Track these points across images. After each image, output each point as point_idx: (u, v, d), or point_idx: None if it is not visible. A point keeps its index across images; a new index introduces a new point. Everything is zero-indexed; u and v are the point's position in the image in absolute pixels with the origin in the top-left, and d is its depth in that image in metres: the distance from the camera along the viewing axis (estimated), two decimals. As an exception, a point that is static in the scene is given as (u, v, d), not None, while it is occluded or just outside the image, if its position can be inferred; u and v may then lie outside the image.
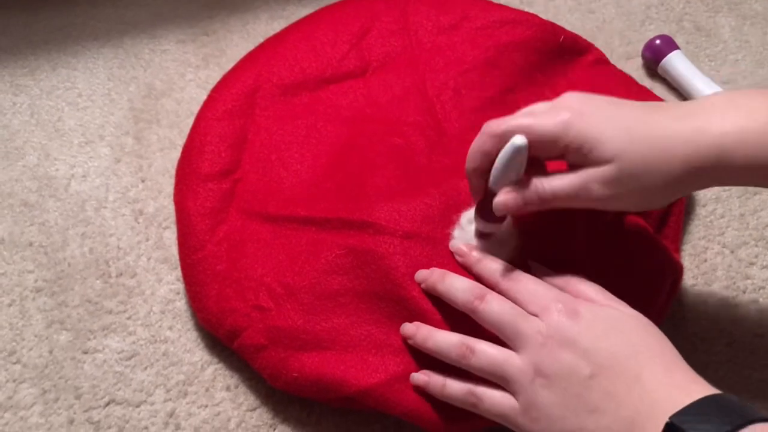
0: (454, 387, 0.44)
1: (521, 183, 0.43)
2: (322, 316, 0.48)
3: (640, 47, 0.68)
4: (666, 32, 0.68)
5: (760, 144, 0.40)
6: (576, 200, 0.42)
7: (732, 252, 0.58)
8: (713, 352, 0.54)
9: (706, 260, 0.58)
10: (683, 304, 0.56)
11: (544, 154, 0.43)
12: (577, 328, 0.41)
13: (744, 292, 0.56)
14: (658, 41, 0.67)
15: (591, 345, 0.40)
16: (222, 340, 0.51)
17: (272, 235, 0.51)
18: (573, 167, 0.42)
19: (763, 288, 0.57)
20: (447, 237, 0.49)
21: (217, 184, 0.53)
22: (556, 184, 0.42)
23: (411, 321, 0.47)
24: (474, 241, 0.48)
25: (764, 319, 0.55)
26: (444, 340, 0.45)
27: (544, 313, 0.42)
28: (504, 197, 0.43)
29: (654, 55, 0.67)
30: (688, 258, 0.58)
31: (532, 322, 0.42)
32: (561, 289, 0.45)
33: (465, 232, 0.49)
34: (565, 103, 0.42)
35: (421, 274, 0.47)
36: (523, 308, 0.43)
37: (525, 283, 0.44)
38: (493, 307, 0.43)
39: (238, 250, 0.51)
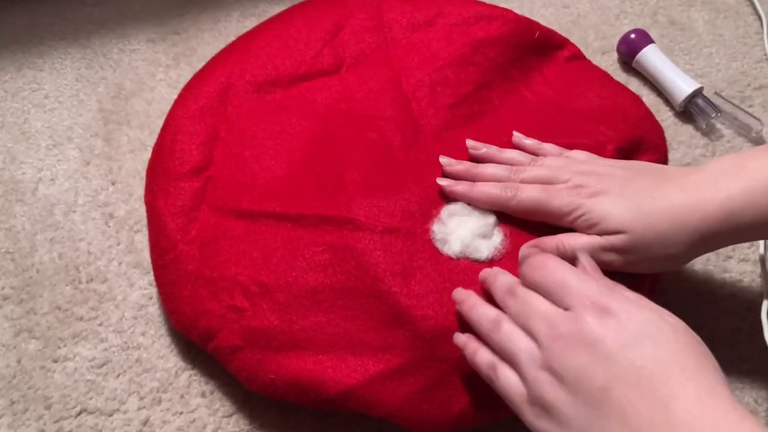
0: (483, 356, 0.41)
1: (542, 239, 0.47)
2: (299, 315, 0.47)
3: (615, 42, 0.68)
4: (640, 26, 0.69)
5: (767, 199, 0.41)
6: (595, 258, 0.43)
7: (710, 245, 0.58)
8: (694, 345, 0.54)
9: (684, 254, 0.58)
10: (662, 299, 0.55)
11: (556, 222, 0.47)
12: (603, 328, 0.36)
13: (722, 286, 0.56)
14: (633, 35, 0.67)
15: (614, 351, 0.35)
16: (196, 343, 0.50)
17: (246, 231, 0.50)
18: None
19: (741, 281, 0.57)
20: (427, 232, 0.48)
21: (188, 182, 0.52)
22: (574, 242, 0.45)
23: (390, 317, 0.46)
24: (455, 234, 0.48)
25: (743, 312, 0.55)
26: (482, 312, 0.42)
27: (571, 305, 0.37)
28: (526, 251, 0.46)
29: (629, 49, 0.67)
30: (667, 252, 0.58)
31: (554, 314, 0.38)
32: None
33: (445, 226, 0.48)
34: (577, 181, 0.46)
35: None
36: (554, 301, 0.39)
37: (555, 273, 0.40)
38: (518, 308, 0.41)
39: (211, 248, 0.50)
